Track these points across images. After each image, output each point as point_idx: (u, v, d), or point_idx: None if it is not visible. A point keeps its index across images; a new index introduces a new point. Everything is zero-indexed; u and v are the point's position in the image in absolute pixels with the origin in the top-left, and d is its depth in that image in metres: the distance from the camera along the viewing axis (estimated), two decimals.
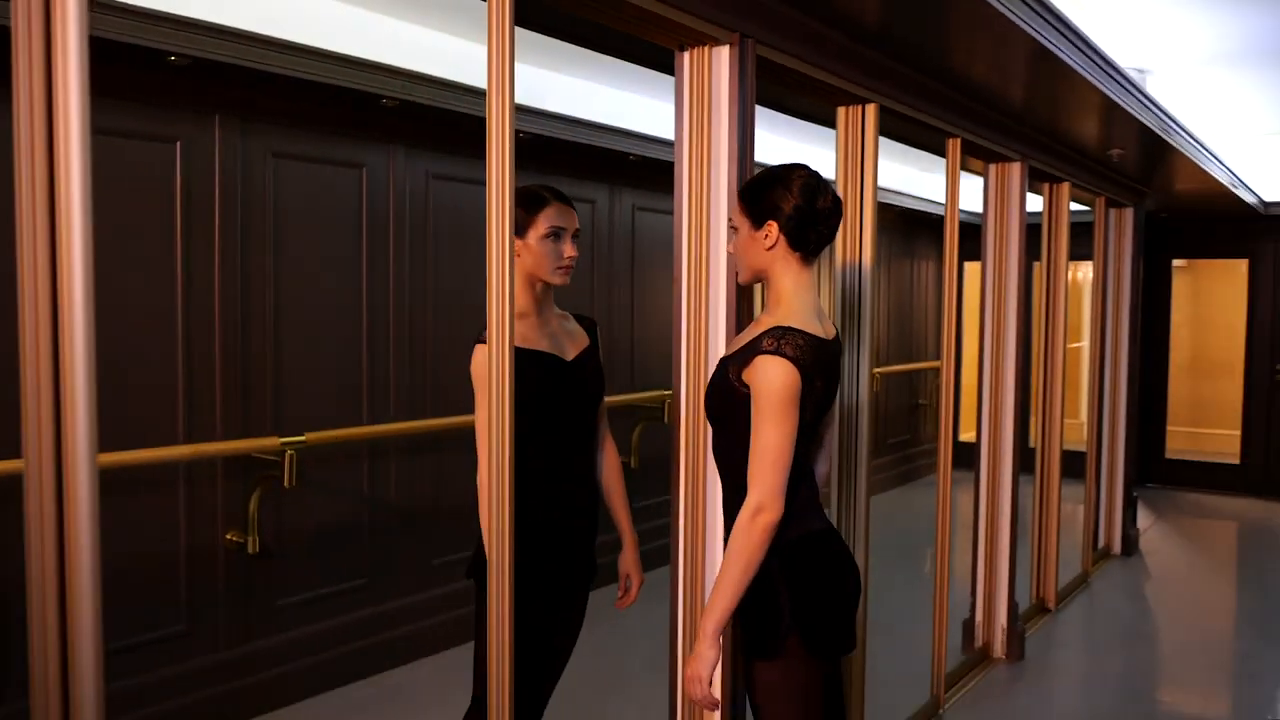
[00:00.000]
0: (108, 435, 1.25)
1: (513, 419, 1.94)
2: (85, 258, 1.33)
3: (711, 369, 2.34)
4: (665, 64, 2.62)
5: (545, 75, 4.47)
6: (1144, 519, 6.99)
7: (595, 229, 5.28)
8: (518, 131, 3.58)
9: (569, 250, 2.32)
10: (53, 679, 1.35)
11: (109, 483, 2.06)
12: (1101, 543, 6.15)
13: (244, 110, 3.60)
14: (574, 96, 4.60)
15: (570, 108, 4.55)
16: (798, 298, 2.03)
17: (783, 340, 1.92)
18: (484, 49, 1.87)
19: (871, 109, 3.12)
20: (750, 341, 1.99)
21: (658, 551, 3.10)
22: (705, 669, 1.97)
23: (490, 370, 1.93)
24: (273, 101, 3.66)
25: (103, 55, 2.21)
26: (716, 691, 2.33)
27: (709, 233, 2.44)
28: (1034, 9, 2.87)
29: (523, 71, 3.76)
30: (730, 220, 2.19)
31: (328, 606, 3.98)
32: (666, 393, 5.13)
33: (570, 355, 2.39)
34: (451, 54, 3.96)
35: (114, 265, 3.24)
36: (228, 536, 3.61)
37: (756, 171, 2.20)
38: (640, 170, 5.28)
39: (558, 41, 3.33)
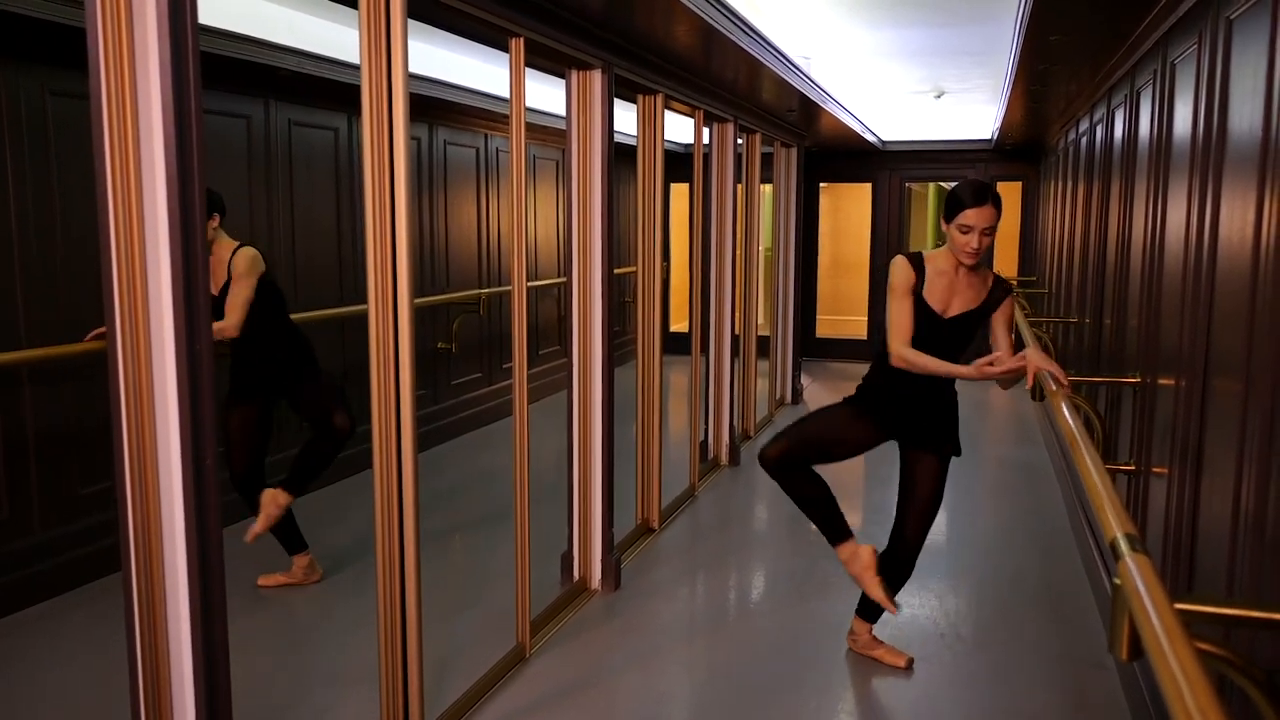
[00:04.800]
0: None
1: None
2: None
3: (594, 281, 3.93)
4: None
5: None
6: (805, 380, 9.40)
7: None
8: None
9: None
10: None
11: None
12: (778, 395, 8.39)
13: None
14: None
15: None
16: None
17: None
18: None
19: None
20: (992, 289, 3.23)
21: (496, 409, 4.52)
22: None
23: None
24: None
25: None
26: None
27: (589, 186, 3.96)
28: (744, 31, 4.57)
29: None
30: (986, 228, 3.06)
31: None
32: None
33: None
34: None
35: None
36: None
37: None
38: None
39: None
